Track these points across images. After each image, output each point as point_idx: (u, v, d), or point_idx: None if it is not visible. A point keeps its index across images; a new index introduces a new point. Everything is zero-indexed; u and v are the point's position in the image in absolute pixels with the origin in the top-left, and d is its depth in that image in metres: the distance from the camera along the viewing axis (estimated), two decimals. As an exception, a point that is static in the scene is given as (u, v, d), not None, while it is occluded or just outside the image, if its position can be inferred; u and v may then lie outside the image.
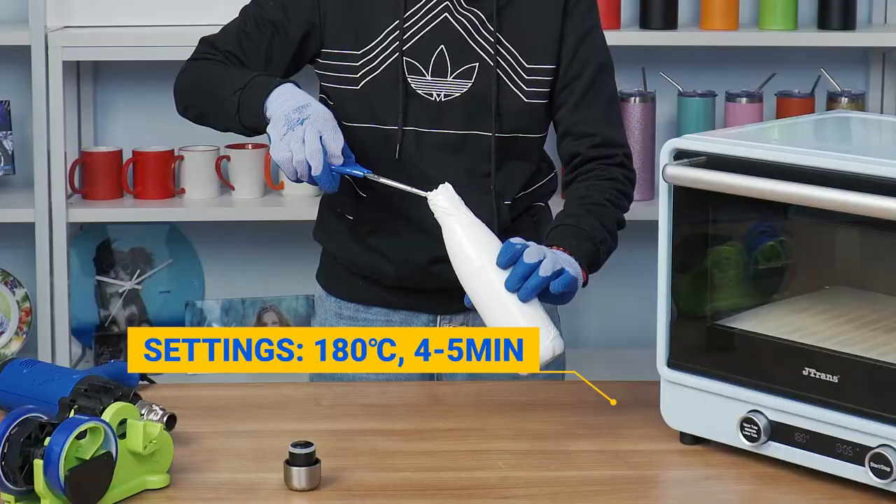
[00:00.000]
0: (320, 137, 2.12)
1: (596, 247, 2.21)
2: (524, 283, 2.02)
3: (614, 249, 2.29)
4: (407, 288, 2.38)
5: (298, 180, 2.15)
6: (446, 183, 2.09)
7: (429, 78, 2.30)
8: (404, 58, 2.29)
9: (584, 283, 2.16)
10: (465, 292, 2.34)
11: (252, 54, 2.33)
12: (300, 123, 2.13)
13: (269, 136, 2.17)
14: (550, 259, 2.04)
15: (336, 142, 2.14)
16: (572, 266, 2.10)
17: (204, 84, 2.31)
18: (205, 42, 2.37)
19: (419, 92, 2.30)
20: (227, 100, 2.25)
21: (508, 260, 2.02)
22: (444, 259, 2.28)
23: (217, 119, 2.31)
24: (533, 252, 2.03)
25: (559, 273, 2.04)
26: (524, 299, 2.02)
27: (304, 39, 2.33)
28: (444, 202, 2.08)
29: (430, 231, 2.23)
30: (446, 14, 2.30)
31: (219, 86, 2.28)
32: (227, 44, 2.34)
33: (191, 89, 2.34)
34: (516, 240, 2.05)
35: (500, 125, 2.31)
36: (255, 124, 2.24)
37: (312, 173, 2.13)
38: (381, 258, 2.36)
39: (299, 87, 2.23)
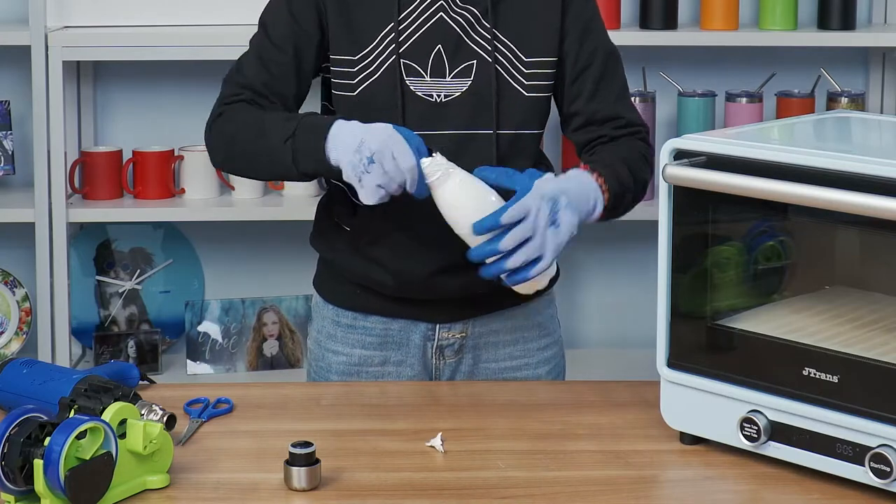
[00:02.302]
0: (393, 157, 2.10)
1: (623, 194, 2.24)
2: (485, 264, 2.11)
3: (633, 207, 2.31)
4: (406, 298, 2.37)
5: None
6: (435, 154, 2.12)
7: (427, 79, 2.29)
8: (402, 60, 2.29)
9: (605, 207, 2.21)
10: (464, 301, 2.36)
11: (281, 75, 2.29)
12: (370, 163, 2.10)
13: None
14: (531, 247, 2.09)
15: (405, 157, 2.10)
16: (580, 212, 2.16)
17: (243, 135, 2.25)
18: (229, 82, 2.32)
19: (418, 94, 2.29)
20: (276, 149, 2.19)
21: (484, 231, 2.10)
22: (443, 271, 2.29)
23: (265, 170, 2.26)
24: (515, 236, 2.08)
25: (533, 262, 2.10)
26: (484, 274, 2.12)
27: (319, 45, 2.31)
28: (435, 170, 2.12)
29: (430, 242, 2.23)
30: (441, 13, 2.30)
31: (263, 135, 2.22)
32: (254, 76, 2.29)
33: (229, 142, 2.27)
34: (513, 213, 2.09)
35: (501, 122, 2.30)
36: (315, 170, 2.19)
37: (408, 189, 2.12)
38: (379, 269, 2.35)
39: (345, 118, 2.20)
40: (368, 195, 2.11)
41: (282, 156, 2.20)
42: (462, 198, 2.13)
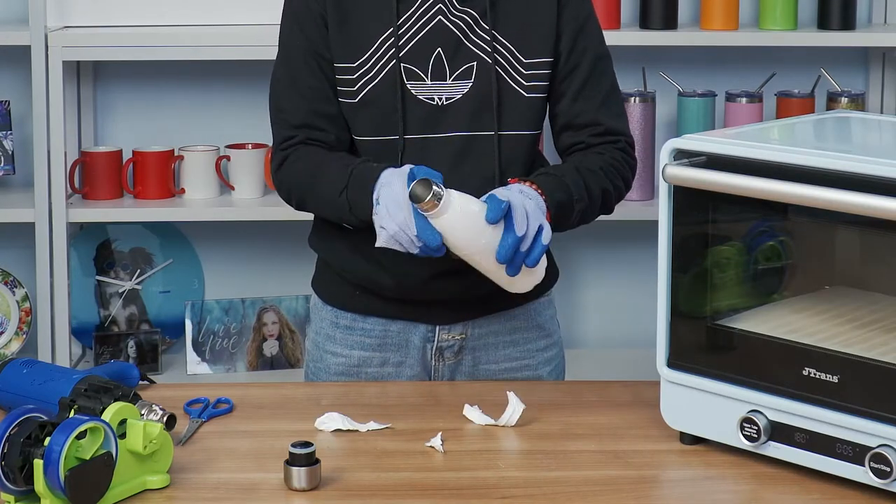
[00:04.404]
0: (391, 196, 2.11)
1: (571, 203, 2.22)
2: (514, 261, 2.11)
3: (593, 217, 2.30)
4: (405, 299, 2.36)
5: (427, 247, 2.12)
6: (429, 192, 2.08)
7: (429, 82, 2.29)
8: (402, 64, 2.29)
9: (548, 212, 2.18)
10: (464, 303, 2.35)
11: (318, 95, 2.30)
12: (377, 204, 2.14)
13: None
14: (532, 220, 2.09)
15: (400, 205, 2.10)
16: (543, 211, 2.15)
17: (306, 186, 2.29)
18: (276, 124, 2.34)
19: (420, 97, 2.29)
20: (335, 202, 2.23)
21: (497, 217, 2.08)
22: (443, 274, 2.28)
23: (334, 216, 2.29)
24: (520, 218, 2.08)
25: (537, 235, 2.11)
26: (513, 274, 2.12)
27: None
28: (436, 211, 2.08)
29: None
30: (440, 17, 2.29)
31: (321, 186, 2.26)
32: (295, 107, 2.31)
33: (294, 194, 2.32)
34: (519, 217, 2.09)
35: (502, 123, 2.30)
36: (369, 219, 2.20)
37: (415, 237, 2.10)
38: (379, 271, 2.34)
39: (397, 165, 2.20)
40: (378, 235, 2.13)
41: (341, 207, 2.23)
42: (460, 232, 2.10)
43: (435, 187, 2.07)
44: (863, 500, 1.85)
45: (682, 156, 1.98)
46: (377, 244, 2.13)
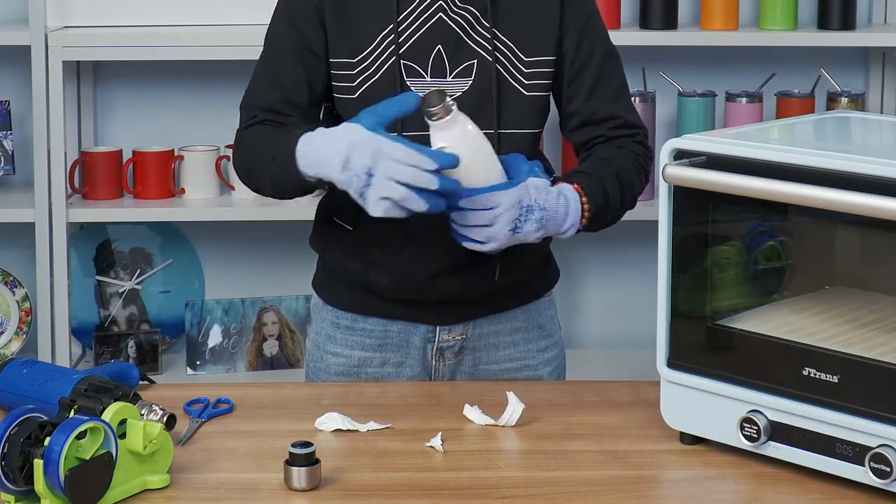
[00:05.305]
0: (393, 160, 2.07)
1: (606, 207, 2.23)
2: (459, 226, 2.12)
3: (615, 221, 2.31)
4: (406, 299, 2.36)
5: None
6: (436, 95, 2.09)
7: (428, 79, 2.29)
8: (402, 61, 2.29)
9: (579, 230, 2.21)
10: (464, 303, 2.35)
11: (293, 89, 2.30)
12: (369, 177, 2.08)
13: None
14: (485, 231, 2.11)
15: (397, 152, 2.07)
16: (556, 223, 2.17)
17: (249, 160, 2.29)
18: (244, 106, 2.34)
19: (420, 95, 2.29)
20: (268, 171, 2.22)
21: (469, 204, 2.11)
22: (444, 272, 2.28)
23: (272, 191, 2.28)
24: (475, 218, 2.10)
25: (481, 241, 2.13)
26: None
27: (325, 50, 2.30)
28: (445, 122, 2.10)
29: (431, 244, 2.22)
30: (441, 14, 2.29)
31: (257, 159, 2.25)
32: (265, 96, 2.31)
33: (242, 168, 2.32)
34: (506, 200, 2.10)
35: (502, 121, 2.30)
36: (301, 189, 2.21)
37: (427, 188, 2.07)
38: (380, 271, 2.34)
39: (315, 128, 2.18)
40: (374, 208, 2.09)
41: (273, 177, 2.22)
42: (463, 148, 2.10)
43: (448, 99, 2.08)
44: (863, 500, 1.85)
45: (682, 156, 1.98)
46: (375, 214, 2.10)
